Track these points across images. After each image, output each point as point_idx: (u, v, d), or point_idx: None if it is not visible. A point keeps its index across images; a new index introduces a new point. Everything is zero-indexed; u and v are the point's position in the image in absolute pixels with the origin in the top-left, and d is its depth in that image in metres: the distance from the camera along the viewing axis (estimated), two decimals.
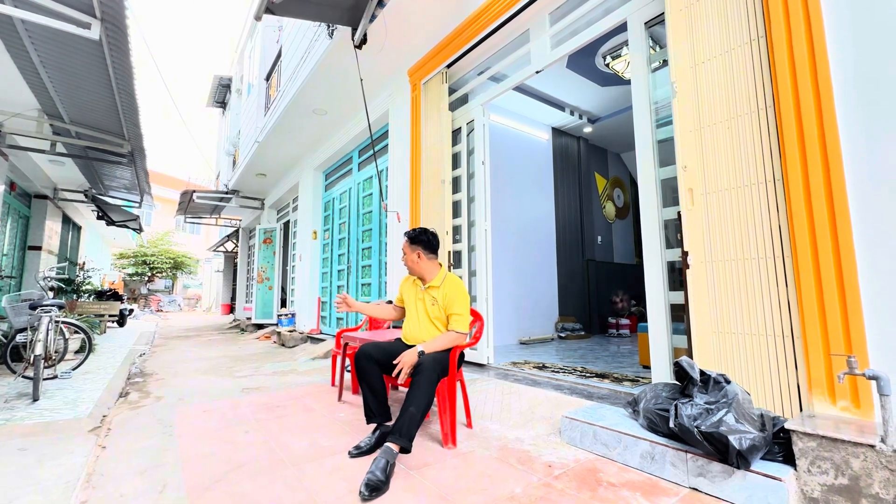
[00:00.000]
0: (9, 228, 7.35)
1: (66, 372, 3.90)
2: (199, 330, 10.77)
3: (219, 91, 13.08)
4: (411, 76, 4.67)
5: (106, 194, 8.87)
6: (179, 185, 20.60)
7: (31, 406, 2.92)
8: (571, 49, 3.26)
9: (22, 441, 2.30)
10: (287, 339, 6.85)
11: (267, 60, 7.73)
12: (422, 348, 2.23)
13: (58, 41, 3.70)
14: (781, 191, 1.95)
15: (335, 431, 2.50)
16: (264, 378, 4.25)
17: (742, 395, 1.72)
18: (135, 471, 1.99)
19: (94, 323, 6.62)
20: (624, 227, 7.93)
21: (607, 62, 5.06)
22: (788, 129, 1.91)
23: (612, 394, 2.71)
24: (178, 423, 2.73)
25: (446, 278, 2.48)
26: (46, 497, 1.70)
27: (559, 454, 2.10)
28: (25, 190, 8.11)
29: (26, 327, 3.69)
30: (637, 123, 2.73)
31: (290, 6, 3.56)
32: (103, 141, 5.69)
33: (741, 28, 2.16)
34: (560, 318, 6.18)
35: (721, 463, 1.62)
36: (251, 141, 7.97)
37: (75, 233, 11.87)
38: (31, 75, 4.37)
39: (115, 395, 3.44)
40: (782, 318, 1.92)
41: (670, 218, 2.56)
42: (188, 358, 5.76)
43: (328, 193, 7.69)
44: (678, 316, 2.48)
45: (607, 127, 6.80)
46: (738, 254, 2.08)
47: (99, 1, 3.16)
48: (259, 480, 1.85)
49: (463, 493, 1.72)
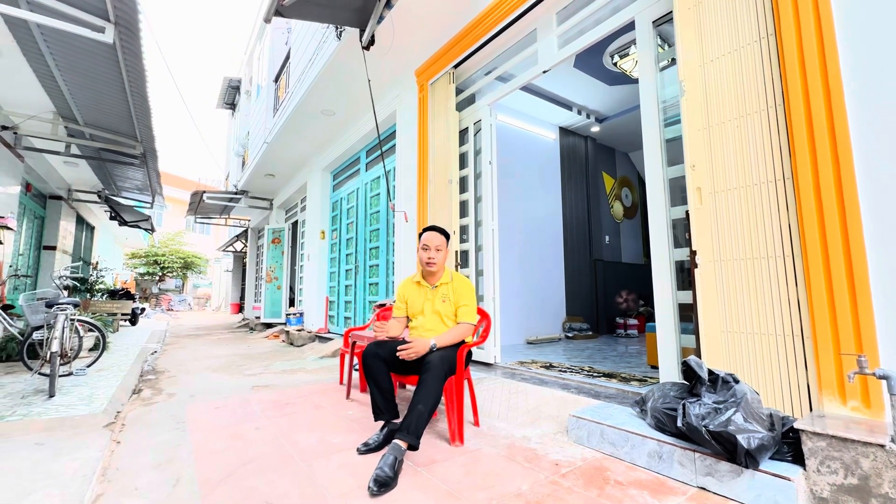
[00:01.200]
0: (25, 229, 7.50)
1: (81, 369, 3.98)
2: (209, 329, 10.90)
3: (228, 93, 13.22)
4: (418, 77, 4.69)
5: (118, 195, 9.03)
6: (190, 186, 20.88)
7: (47, 402, 2.99)
8: (579, 48, 3.26)
9: (39, 436, 2.36)
10: (296, 337, 6.91)
11: (276, 62, 7.80)
12: (434, 342, 2.26)
13: (73, 45, 3.78)
14: (791, 189, 1.94)
15: (343, 429, 2.53)
16: (273, 376, 4.30)
17: (751, 395, 1.71)
18: (149, 465, 2.03)
19: (107, 321, 6.73)
20: (632, 227, 7.89)
21: (615, 61, 5.04)
22: (798, 127, 1.89)
23: (619, 393, 2.71)
24: (190, 419, 2.78)
25: (454, 275, 2.57)
26: (64, 490, 1.74)
27: (566, 453, 2.10)
28: (41, 191, 8.27)
29: (42, 325, 3.77)
30: (645, 122, 2.73)
31: (300, 8, 3.60)
32: (116, 142, 5.80)
33: (750, 26, 2.15)
34: (567, 317, 6.16)
35: (729, 462, 1.62)
36: (260, 142, 8.06)
37: (89, 233, 12.07)
38: (46, 78, 4.47)
39: (128, 391, 3.51)
40: (792, 318, 1.91)
41: (678, 217, 2.55)
42: (199, 356, 5.84)
43: (336, 193, 7.74)
44: (686, 316, 2.48)
45: (615, 126, 6.76)
46: (747, 253, 2.07)
47: (113, 5, 3.22)
48: (269, 476, 1.88)
49: (470, 490, 1.73)
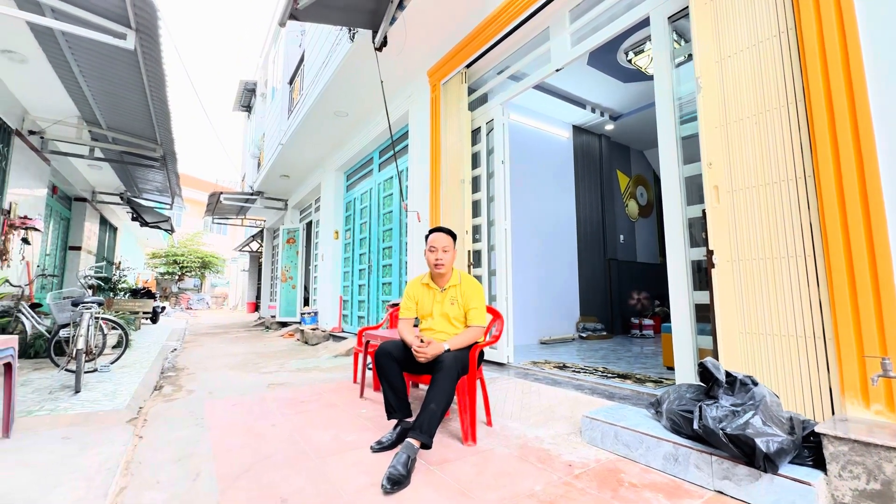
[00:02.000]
0: (51, 230, 7.77)
1: (105, 366, 4.11)
2: (226, 327, 11.12)
3: (244, 95, 13.47)
4: (431, 77, 4.71)
5: (140, 196, 9.29)
6: (207, 188, 21.33)
7: (73, 397, 3.09)
8: (592, 46, 3.23)
9: (66, 430, 2.44)
10: (310, 336, 7.00)
11: (290, 65, 7.91)
12: (448, 346, 2.26)
13: (96, 51, 3.91)
14: (812, 187, 1.89)
15: (357, 427, 2.56)
16: (289, 374, 4.37)
17: (770, 398, 1.68)
18: (169, 459, 2.09)
19: (129, 319, 6.93)
20: (647, 226, 7.77)
21: (630, 58, 4.97)
22: (820, 123, 1.84)
23: (634, 394, 2.68)
24: (209, 415, 2.84)
25: (462, 275, 2.55)
26: (89, 483, 1.80)
27: (579, 454, 2.09)
28: (66, 193, 8.55)
29: (68, 323, 3.91)
30: (660, 120, 2.69)
31: (313, 11, 3.65)
32: (137, 146, 5.97)
33: (769, 20, 2.10)
34: (581, 317, 6.11)
35: (747, 466, 1.59)
36: (275, 143, 8.18)
37: (112, 234, 12.44)
38: (71, 84, 4.63)
39: (150, 388, 3.60)
40: (813, 319, 1.86)
41: (695, 216, 2.51)
42: (216, 354, 5.97)
43: (349, 194, 7.81)
44: (703, 316, 2.43)
45: (630, 124, 6.67)
46: (766, 252, 2.03)
47: (134, 12, 3.31)
48: (285, 472, 1.92)
49: (483, 490, 1.74)
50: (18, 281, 5.01)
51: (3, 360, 2.27)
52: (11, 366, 2.33)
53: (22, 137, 5.25)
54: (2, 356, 2.25)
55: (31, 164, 5.59)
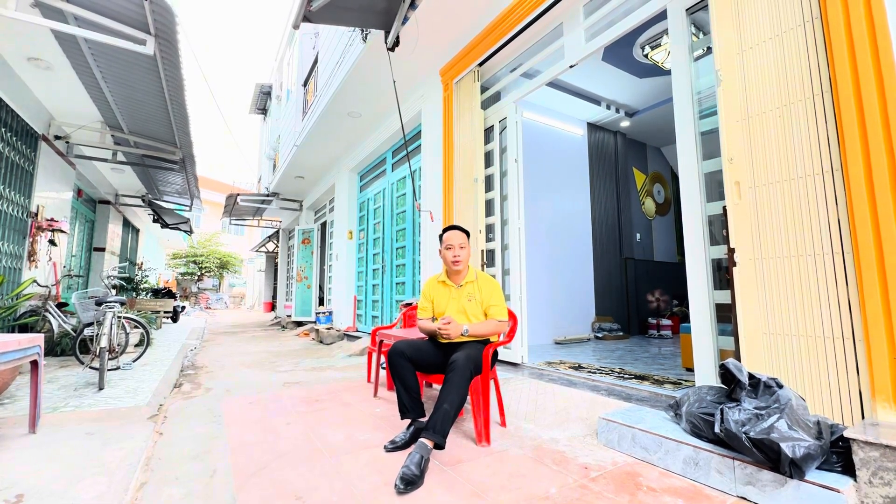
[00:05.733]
0: (77, 231, 8.02)
1: (127, 363, 4.22)
2: (243, 326, 11.32)
3: (260, 98, 13.68)
4: (443, 76, 4.70)
5: (160, 199, 9.52)
6: (224, 189, 21.73)
7: (96, 394, 3.18)
8: (607, 41, 3.17)
9: (89, 426, 2.51)
10: (325, 336, 7.07)
11: (304, 67, 8.00)
12: (467, 327, 2.30)
13: (117, 57, 4.01)
14: (840, 182, 1.82)
15: (371, 426, 2.56)
16: (304, 373, 4.41)
17: (796, 401, 1.62)
18: (188, 456, 2.12)
19: (151, 318, 7.11)
20: (665, 224, 7.62)
21: (646, 53, 4.88)
22: (847, 115, 1.77)
23: (652, 396, 2.62)
24: (226, 413, 2.89)
25: (478, 273, 2.57)
26: (111, 478, 1.84)
27: (596, 456, 2.05)
28: (91, 196, 8.82)
29: (93, 322, 4.02)
30: (678, 115, 2.62)
31: (326, 13, 3.67)
32: (158, 149, 6.11)
33: (793, 10, 2.02)
34: (597, 317, 6.02)
35: (772, 471, 1.53)
36: (290, 145, 8.29)
37: (134, 235, 12.79)
38: (94, 90, 4.76)
39: (170, 385, 3.68)
40: (842, 319, 1.79)
41: (715, 213, 2.44)
42: (234, 352, 6.07)
43: (363, 194, 7.86)
44: (724, 316, 2.36)
45: (646, 120, 6.55)
46: (790, 250, 1.95)
47: (153, 18, 3.39)
48: (299, 469, 1.93)
49: (497, 491, 1.72)
50: (45, 281, 5.18)
51: (30, 358, 2.34)
52: (38, 363, 2.40)
53: (48, 142, 5.42)
54: (28, 354, 2.32)
55: (57, 168, 5.78)
